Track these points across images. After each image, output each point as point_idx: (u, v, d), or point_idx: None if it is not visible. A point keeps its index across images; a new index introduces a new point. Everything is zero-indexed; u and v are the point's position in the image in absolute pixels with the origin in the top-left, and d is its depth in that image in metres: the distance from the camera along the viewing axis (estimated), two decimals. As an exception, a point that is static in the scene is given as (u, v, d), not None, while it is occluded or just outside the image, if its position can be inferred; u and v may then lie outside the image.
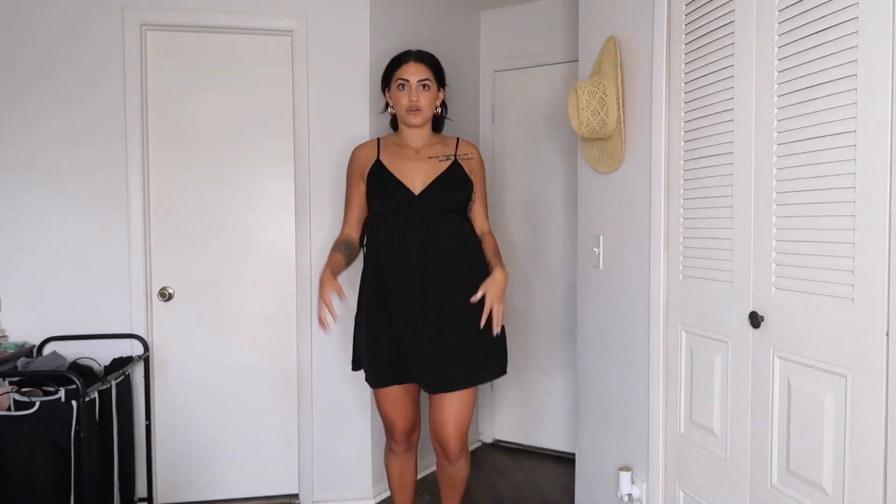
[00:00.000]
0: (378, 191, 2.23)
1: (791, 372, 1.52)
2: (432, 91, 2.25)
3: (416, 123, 2.24)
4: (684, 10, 1.90)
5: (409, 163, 2.24)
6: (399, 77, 2.22)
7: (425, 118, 2.25)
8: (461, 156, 2.29)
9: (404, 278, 2.20)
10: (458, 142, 2.34)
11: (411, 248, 2.18)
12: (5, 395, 2.24)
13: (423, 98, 2.21)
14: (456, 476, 2.39)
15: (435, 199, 2.20)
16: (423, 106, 2.21)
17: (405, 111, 2.23)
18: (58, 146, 2.79)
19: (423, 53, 2.28)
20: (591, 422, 2.55)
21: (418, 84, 2.21)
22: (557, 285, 3.59)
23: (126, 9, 2.80)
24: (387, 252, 2.22)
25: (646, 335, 2.12)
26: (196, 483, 3.01)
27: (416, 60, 2.22)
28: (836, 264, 1.37)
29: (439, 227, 2.20)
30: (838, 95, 1.35)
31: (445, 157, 2.25)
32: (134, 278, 2.85)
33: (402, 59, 2.24)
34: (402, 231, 2.19)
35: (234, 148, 2.97)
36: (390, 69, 2.28)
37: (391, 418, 2.37)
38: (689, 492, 1.96)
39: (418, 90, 2.21)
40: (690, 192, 1.90)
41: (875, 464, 1.29)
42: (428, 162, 2.24)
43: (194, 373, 2.98)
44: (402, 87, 2.22)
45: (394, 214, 2.21)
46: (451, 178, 2.23)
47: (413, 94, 2.21)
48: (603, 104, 2.17)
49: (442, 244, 2.20)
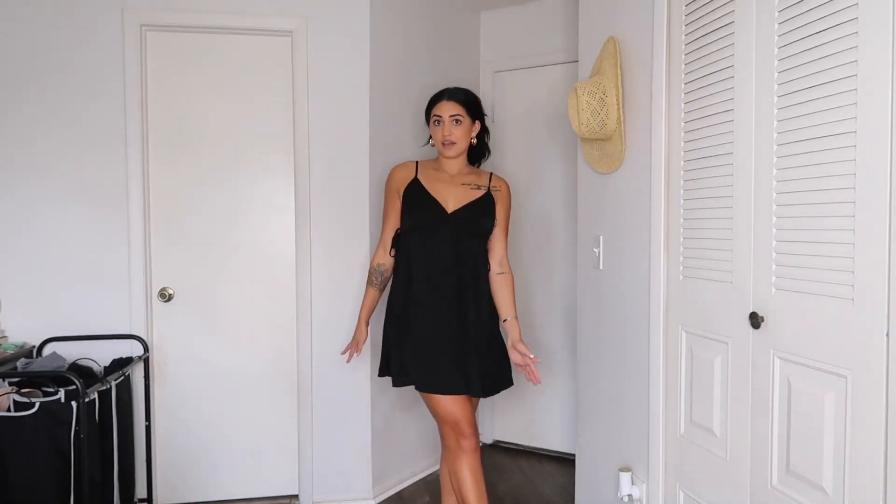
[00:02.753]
0: (414, 205, 2.40)
1: (791, 372, 1.52)
2: (465, 125, 2.41)
3: (450, 155, 2.42)
4: (684, 10, 1.90)
5: (445, 185, 2.41)
6: (434, 114, 2.42)
7: (459, 150, 2.42)
8: (493, 188, 2.46)
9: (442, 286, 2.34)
10: (491, 176, 2.50)
11: (445, 258, 2.34)
12: (5, 395, 2.24)
13: (455, 132, 2.39)
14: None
15: (465, 220, 2.37)
16: (456, 139, 2.39)
17: (440, 144, 2.41)
18: (58, 147, 2.79)
19: (458, 91, 2.44)
20: (592, 422, 2.55)
21: (450, 119, 2.39)
22: (557, 286, 3.59)
23: (126, 9, 2.80)
24: (420, 261, 2.36)
25: (646, 336, 2.12)
26: (196, 484, 3.01)
27: (448, 99, 2.41)
28: (836, 265, 1.37)
29: (466, 246, 2.37)
30: (838, 96, 1.35)
31: (478, 186, 2.43)
32: (134, 279, 2.85)
33: (438, 98, 2.44)
34: (435, 244, 2.35)
35: (234, 148, 2.96)
36: (429, 107, 2.47)
37: (454, 415, 2.32)
38: (689, 492, 1.96)
39: (451, 125, 2.39)
40: (690, 193, 1.90)
41: (875, 464, 1.29)
42: (462, 187, 2.42)
43: (194, 373, 2.97)
44: (438, 123, 2.41)
45: (426, 228, 2.37)
46: (482, 205, 2.40)
47: (446, 130, 2.39)
48: (603, 104, 2.17)
49: (468, 263, 2.37)
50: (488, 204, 2.41)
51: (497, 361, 2.39)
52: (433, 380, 2.32)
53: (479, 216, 2.39)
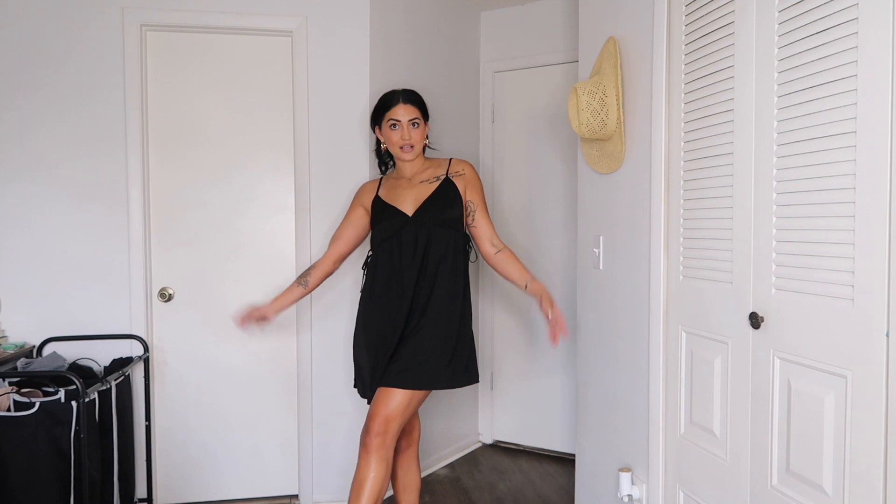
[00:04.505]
0: (378, 221, 2.39)
1: (791, 373, 1.52)
2: (421, 127, 2.40)
3: (409, 159, 2.40)
4: (684, 10, 1.90)
5: (403, 191, 2.40)
6: (390, 118, 2.37)
7: (417, 153, 2.41)
8: (453, 174, 2.42)
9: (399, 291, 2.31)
10: (450, 162, 2.46)
11: (410, 262, 2.30)
12: (5, 395, 2.24)
13: (414, 135, 2.37)
14: None
15: (427, 217, 2.33)
16: (415, 142, 2.37)
17: (398, 148, 2.38)
18: (58, 147, 2.80)
19: (410, 94, 2.41)
20: (592, 422, 2.55)
21: (409, 123, 2.36)
22: (557, 286, 3.59)
23: (126, 9, 2.80)
24: (385, 270, 2.35)
25: (646, 336, 2.12)
26: (196, 483, 3.01)
27: (404, 102, 2.37)
28: (836, 265, 1.37)
29: (430, 243, 2.32)
30: (838, 96, 1.35)
31: (436, 178, 2.40)
32: (134, 279, 2.85)
33: (392, 101, 2.38)
34: (398, 251, 2.33)
35: (234, 148, 2.97)
36: (380, 110, 2.42)
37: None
38: (689, 492, 1.95)
39: (409, 128, 2.36)
40: (690, 193, 1.90)
41: (875, 464, 1.29)
42: (419, 186, 2.40)
43: (194, 373, 2.97)
44: (394, 127, 2.37)
45: (391, 236, 2.35)
46: (442, 195, 2.37)
47: (405, 133, 2.36)
48: (603, 105, 2.17)
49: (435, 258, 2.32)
50: (449, 190, 2.37)
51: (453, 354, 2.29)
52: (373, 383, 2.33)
53: (443, 206, 2.34)
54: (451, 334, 2.31)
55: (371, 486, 2.19)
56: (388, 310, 2.32)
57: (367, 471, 2.20)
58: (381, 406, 2.24)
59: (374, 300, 2.37)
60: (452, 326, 2.32)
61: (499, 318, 3.80)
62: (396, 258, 2.33)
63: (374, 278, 2.38)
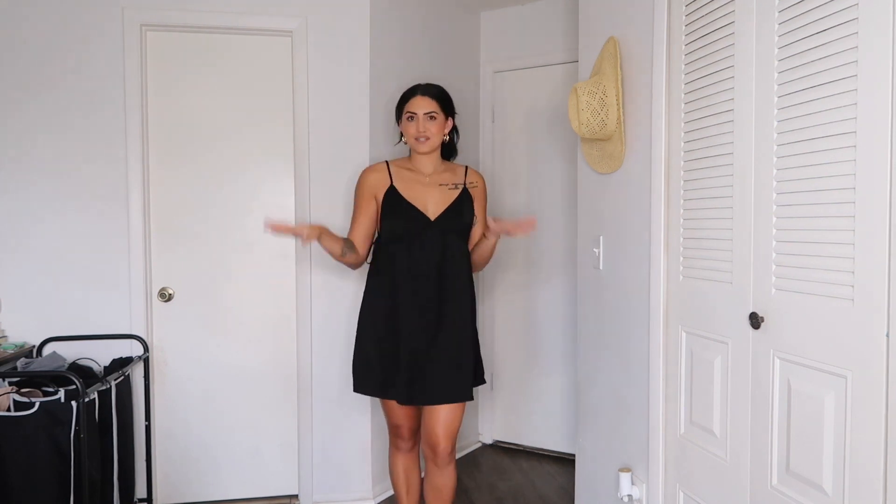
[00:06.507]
0: (395, 216, 2.36)
1: (791, 373, 1.52)
2: (439, 121, 2.38)
3: (424, 151, 2.38)
4: (684, 10, 1.90)
5: (422, 189, 2.39)
6: (408, 110, 2.38)
7: (432, 146, 2.39)
8: (469, 184, 2.45)
9: (424, 297, 2.33)
10: (466, 170, 2.49)
11: (431, 267, 2.33)
12: (5, 395, 2.24)
13: (430, 128, 2.36)
14: (445, 486, 2.43)
15: (448, 224, 2.36)
16: (430, 135, 2.36)
17: (413, 140, 2.38)
18: (58, 147, 2.80)
19: (431, 87, 2.42)
20: (592, 422, 2.55)
21: (425, 116, 2.35)
22: (557, 285, 3.59)
23: (126, 9, 2.80)
24: (404, 272, 2.33)
25: (646, 336, 2.12)
26: (196, 483, 3.01)
27: (422, 94, 2.37)
28: (836, 265, 1.37)
29: (450, 249, 2.36)
30: (838, 96, 1.35)
31: (455, 185, 2.42)
32: (134, 279, 2.85)
33: (411, 94, 2.40)
34: (418, 253, 2.33)
35: (234, 148, 2.97)
36: (401, 103, 2.42)
37: (398, 422, 2.45)
38: (689, 492, 1.95)
39: (425, 121, 2.36)
40: (690, 193, 1.90)
41: (875, 464, 1.29)
42: (439, 189, 2.40)
43: (194, 373, 2.97)
44: (411, 119, 2.37)
45: (411, 237, 2.34)
46: (462, 205, 2.40)
47: (420, 125, 2.35)
48: (603, 105, 2.17)
49: (453, 266, 2.36)
50: (466, 201, 2.42)
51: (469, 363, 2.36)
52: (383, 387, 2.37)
53: (460, 215, 2.39)
54: (472, 341, 2.40)
55: (449, 493, 2.44)
56: (411, 314, 2.32)
57: (446, 479, 2.41)
58: (442, 426, 2.33)
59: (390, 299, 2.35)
60: (471, 332, 2.40)
61: (499, 318, 3.80)
62: (416, 260, 2.32)
63: (389, 276, 2.35)
